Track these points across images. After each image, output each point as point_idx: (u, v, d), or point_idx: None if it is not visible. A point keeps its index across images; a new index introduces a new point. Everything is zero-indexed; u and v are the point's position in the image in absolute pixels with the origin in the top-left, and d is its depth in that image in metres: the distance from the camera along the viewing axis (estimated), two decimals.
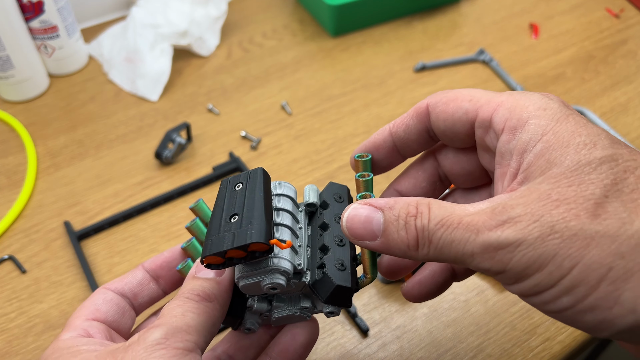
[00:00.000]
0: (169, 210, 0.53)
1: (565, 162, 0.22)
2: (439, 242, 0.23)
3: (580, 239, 0.21)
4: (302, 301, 0.30)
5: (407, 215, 0.24)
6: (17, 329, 0.44)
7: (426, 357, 0.42)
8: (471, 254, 0.22)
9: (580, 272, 0.21)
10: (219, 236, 0.26)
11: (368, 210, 0.25)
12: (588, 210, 0.21)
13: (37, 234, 0.51)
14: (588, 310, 0.21)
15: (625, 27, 0.76)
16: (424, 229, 0.23)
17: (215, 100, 0.64)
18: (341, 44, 0.73)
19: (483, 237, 0.22)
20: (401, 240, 0.24)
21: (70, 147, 0.59)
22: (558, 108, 0.24)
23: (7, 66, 0.60)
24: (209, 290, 0.27)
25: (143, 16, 0.67)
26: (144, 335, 0.24)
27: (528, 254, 0.21)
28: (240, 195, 0.27)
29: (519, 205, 0.22)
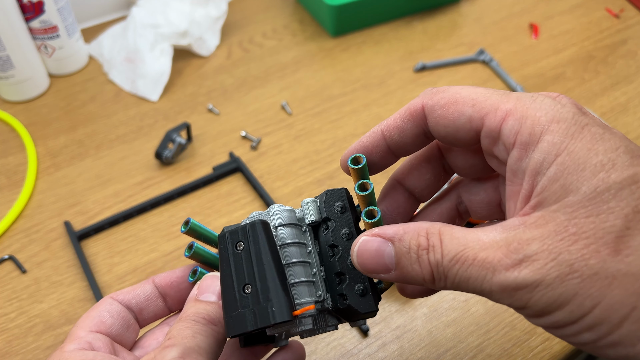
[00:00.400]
0: (169, 210, 0.53)
1: (582, 188, 0.21)
2: (455, 278, 0.23)
3: (601, 278, 0.20)
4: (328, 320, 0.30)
5: (419, 248, 0.23)
6: (17, 329, 0.44)
7: (426, 357, 0.42)
8: (489, 292, 0.22)
9: (602, 312, 0.20)
10: (239, 314, 0.25)
11: (377, 242, 0.24)
12: (609, 246, 0.20)
13: (37, 234, 0.51)
14: (611, 347, 0.21)
15: (625, 27, 0.76)
16: (438, 265, 0.23)
17: (215, 100, 0.64)
18: (341, 44, 0.73)
19: (500, 277, 0.21)
20: (416, 273, 0.24)
21: (71, 147, 0.59)
22: (572, 119, 0.22)
23: (7, 66, 0.60)
24: (212, 314, 0.27)
25: (143, 16, 0.67)
26: (161, 354, 0.24)
27: (547, 294, 0.21)
28: (246, 259, 0.27)
29: (534, 241, 0.21)
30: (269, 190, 0.54)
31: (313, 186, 0.55)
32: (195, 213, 0.53)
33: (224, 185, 0.55)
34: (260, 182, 0.55)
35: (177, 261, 0.49)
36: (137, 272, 0.48)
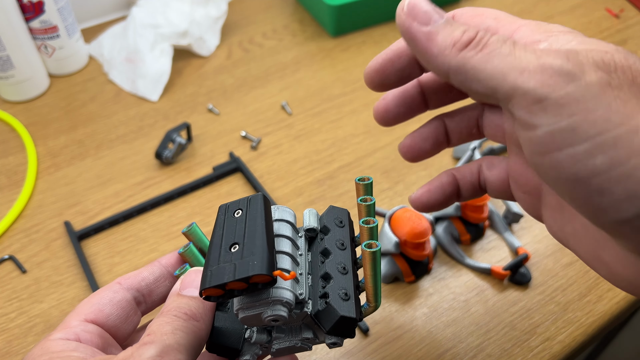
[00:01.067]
0: (169, 210, 0.53)
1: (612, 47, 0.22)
2: (495, 50, 0.22)
3: (632, 105, 0.20)
4: (304, 332, 0.28)
5: (472, 25, 0.24)
6: (17, 328, 0.44)
7: (426, 357, 0.42)
8: (522, 70, 0.21)
9: (626, 132, 0.20)
10: (219, 267, 0.25)
11: (436, 12, 0.24)
12: (635, 88, 0.21)
13: (37, 234, 0.51)
14: (621, 179, 0.20)
15: (625, 27, 0.76)
16: (484, 37, 0.23)
17: (215, 100, 0.64)
18: (341, 44, 0.73)
19: (546, 59, 0.21)
20: (452, 37, 0.23)
21: (71, 147, 0.59)
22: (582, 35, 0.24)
23: (7, 66, 0.60)
24: (194, 309, 0.27)
25: (143, 16, 0.67)
26: (138, 351, 0.23)
27: (582, 91, 0.21)
28: (240, 222, 0.26)
29: (583, 52, 0.22)
30: (269, 190, 0.54)
31: (313, 186, 0.55)
32: (195, 213, 0.53)
33: (224, 185, 0.55)
34: (260, 182, 0.55)
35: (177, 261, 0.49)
36: None
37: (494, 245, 0.50)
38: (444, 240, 0.49)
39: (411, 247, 0.44)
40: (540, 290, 0.46)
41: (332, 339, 0.28)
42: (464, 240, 0.49)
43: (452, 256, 0.49)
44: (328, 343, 0.28)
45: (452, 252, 0.48)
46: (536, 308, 0.45)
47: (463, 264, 0.48)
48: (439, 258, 0.49)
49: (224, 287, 0.24)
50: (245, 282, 0.24)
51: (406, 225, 0.44)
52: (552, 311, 0.45)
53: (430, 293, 0.46)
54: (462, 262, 0.48)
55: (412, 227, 0.43)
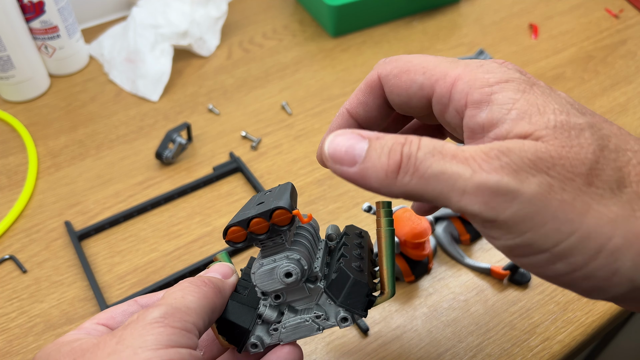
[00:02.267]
0: (169, 210, 0.53)
1: (550, 124, 0.21)
2: (427, 170, 0.21)
3: (579, 205, 0.20)
4: (316, 310, 0.29)
5: (394, 143, 0.22)
6: (17, 328, 0.44)
7: (426, 357, 0.42)
8: (462, 191, 0.21)
9: (578, 240, 0.20)
10: (244, 213, 0.27)
11: (355, 138, 0.23)
12: (582, 176, 0.20)
13: (37, 234, 0.51)
14: (584, 279, 0.21)
15: (624, 28, 0.76)
16: (411, 156, 0.22)
17: (215, 101, 0.64)
18: (341, 45, 0.73)
19: (481, 176, 0.20)
20: (380, 166, 0.22)
21: (71, 147, 0.59)
22: (519, 78, 0.23)
23: (7, 66, 0.60)
24: (213, 280, 0.28)
25: (143, 16, 0.67)
26: (143, 314, 0.24)
27: (525, 209, 0.20)
28: (269, 195, 0.29)
29: (516, 150, 0.21)
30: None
31: (313, 186, 0.55)
32: (195, 213, 0.53)
33: (224, 185, 0.55)
34: (261, 182, 0.55)
35: (177, 261, 0.49)
36: (138, 272, 0.48)
37: None
38: (443, 240, 0.49)
39: (411, 247, 0.44)
40: (539, 290, 0.46)
41: (342, 314, 0.28)
42: (464, 240, 0.49)
43: (451, 256, 0.49)
44: (339, 319, 0.28)
45: (451, 252, 0.48)
46: (536, 308, 0.45)
47: (463, 264, 0.48)
48: (438, 258, 0.49)
49: (247, 226, 0.26)
50: (267, 219, 0.26)
51: (406, 225, 0.44)
52: (551, 311, 0.45)
53: (430, 293, 0.46)
54: (462, 262, 0.48)
55: (411, 227, 0.43)
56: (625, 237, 0.20)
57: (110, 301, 0.46)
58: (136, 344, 0.22)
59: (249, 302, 0.29)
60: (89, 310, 0.45)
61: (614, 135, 0.22)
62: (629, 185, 0.21)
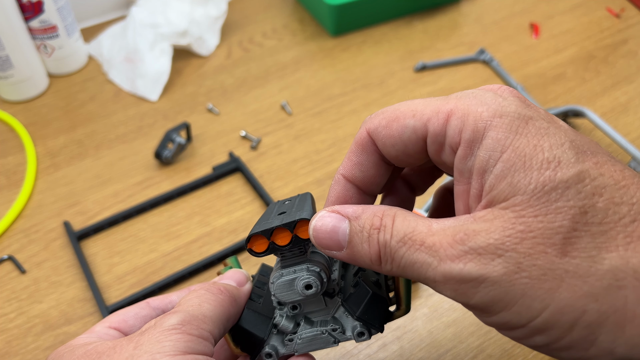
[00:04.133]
0: (168, 210, 0.53)
1: (529, 187, 0.20)
2: (401, 261, 0.22)
3: (549, 279, 0.20)
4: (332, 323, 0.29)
5: (371, 227, 0.23)
6: (16, 329, 0.44)
7: (426, 358, 0.42)
8: (433, 280, 0.21)
9: (551, 315, 0.20)
10: (267, 222, 0.26)
11: (335, 219, 0.24)
12: (556, 247, 0.20)
13: (36, 234, 0.51)
14: (564, 349, 0.20)
15: (625, 27, 0.76)
16: (386, 245, 0.22)
17: (215, 100, 0.64)
18: (341, 44, 0.72)
19: (445, 266, 0.21)
20: (364, 253, 0.23)
21: (70, 147, 0.59)
22: (515, 112, 0.22)
23: (6, 66, 0.60)
24: (229, 288, 0.28)
25: (143, 16, 0.67)
26: (161, 320, 0.24)
27: (493, 292, 0.20)
28: (289, 205, 0.29)
29: (482, 233, 0.20)
30: (268, 190, 0.54)
31: (313, 186, 0.55)
32: (195, 213, 0.53)
33: (224, 185, 0.55)
34: (260, 182, 0.55)
35: (177, 261, 0.49)
36: (137, 272, 0.48)
37: None
38: None
39: None
40: None
41: (359, 328, 0.28)
42: None
43: None
44: (356, 333, 0.28)
45: None
46: None
47: None
48: None
49: (270, 236, 0.26)
50: (290, 230, 0.26)
51: None
52: None
53: (431, 293, 0.46)
54: None
55: None
56: (600, 311, 0.19)
57: (110, 301, 0.46)
58: (154, 350, 0.23)
59: (264, 311, 0.29)
60: (88, 311, 0.45)
61: (610, 186, 0.20)
62: (614, 249, 0.20)
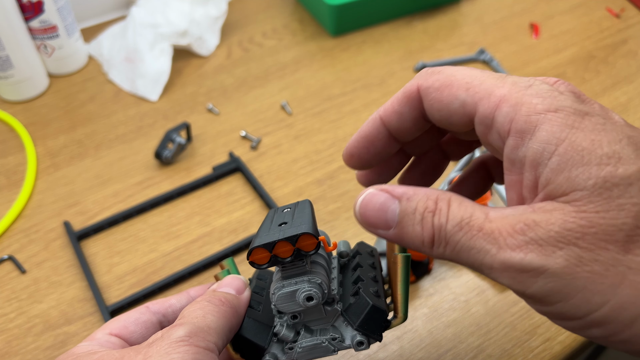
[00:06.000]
0: (168, 210, 0.53)
1: (589, 182, 0.20)
2: (457, 245, 0.22)
3: (611, 275, 0.19)
4: (332, 332, 0.29)
5: (425, 210, 0.22)
6: (16, 329, 0.44)
7: (426, 358, 0.42)
8: (490, 267, 0.21)
9: (611, 311, 0.20)
10: (268, 235, 0.26)
11: (384, 197, 0.23)
12: (618, 244, 0.19)
13: (36, 234, 0.51)
14: (622, 342, 0.20)
15: (625, 27, 0.76)
16: (442, 229, 0.22)
17: (215, 100, 0.64)
18: (341, 44, 0.72)
19: (505, 255, 0.20)
20: (416, 235, 0.23)
21: (70, 147, 0.59)
22: (571, 106, 0.21)
23: (6, 66, 0.60)
24: (229, 298, 0.27)
25: (143, 16, 0.67)
26: (168, 332, 0.24)
27: (552, 283, 0.20)
28: (288, 214, 0.28)
29: (542, 224, 0.20)
30: (268, 190, 0.54)
31: (313, 186, 0.55)
32: (195, 213, 0.53)
33: (224, 185, 0.55)
34: (260, 182, 0.55)
35: (176, 261, 0.49)
36: (137, 272, 0.48)
37: None
38: None
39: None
40: None
41: (359, 337, 0.28)
42: None
43: None
44: (355, 343, 0.28)
45: None
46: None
47: None
48: None
49: (271, 249, 0.26)
50: (292, 244, 0.25)
51: None
52: None
53: (431, 293, 0.46)
54: None
55: None
56: None
57: (110, 301, 0.46)
58: None
59: (264, 319, 0.29)
60: (88, 311, 0.45)
61: None
62: None
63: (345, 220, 0.52)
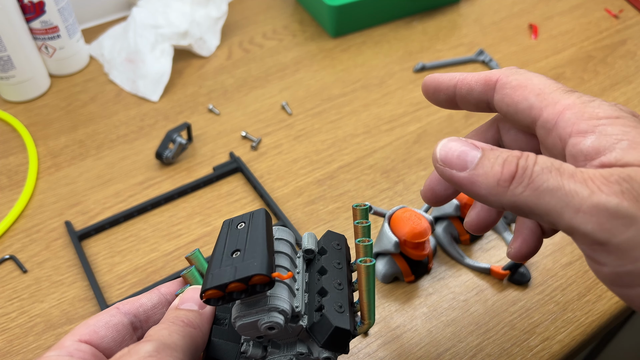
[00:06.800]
0: (169, 210, 0.53)
1: None
2: (542, 184, 0.21)
3: None
4: (298, 346, 0.29)
5: (510, 155, 0.22)
6: (18, 328, 0.44)
7: (425, 357, 0.42)
8: (576, 209, 0.20)
9: None
10: (220, 270, 0.25)
11: (468, 146, 0.23)
12: None
13: (38, 234, 0.51)
14: None
15: (624, 28, 0.76)
16: (527, 168, 0.21)
17: (215, 101, 0.65)
18: (341, 45, 0.73)
19: (599, 197, 0.20)
20: (493, 174, 0.22)
21: (71, 147, 0.59)
22: (628, 117, 0.23)
23: (8, 66, 0.60)
24: (192, 319, 0.27)
25: (144, 17, 0.67)
26: (135, 348, 0.24)
27: None
28: (242, 233, 0.27)
29: (638, 179, 0.20)
30: (269, 190, 0.55)
31: (313, 186, 0.55)
32: (195, 213, 0.53)
33: (224, 185, 0.56)
34: (261, 182, 0.55)
35: (177, 261, 0.49)
36: (138, 272, 0.48)
37: (493, 245, 0.50)
38: (443, 240, 0.49)
39: (411, 247, 0.44)
40: (539, 290, 0.46)
41: (325, 354, 0.28)
42: (464, 240, 0.49)
43: (451, 256, 0.49)
44: (322, 358, 0.28)
45: (451, 252, 0.49)
46: (535, 308, 0.45)
47: (462, 264, 0.48)
48: (438, 258, 0.49)
49: (224, 289, 0.25)
50: (245, 283, 0.24)
51: (406, 225, 0.44)
52: (551, 311, 0.45)
53: (430, 293, 0.46)
54: (462, 262, 0.48)
55: (411, 227, 0.43)
56: None
57: (111, 301, 0.46)
58: None
59: (230, 336, 0.29)
60: (89, 310, 0.45)
61: None
62: None
63: (345, 220, 0.52)
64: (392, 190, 0.54)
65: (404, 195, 0.54)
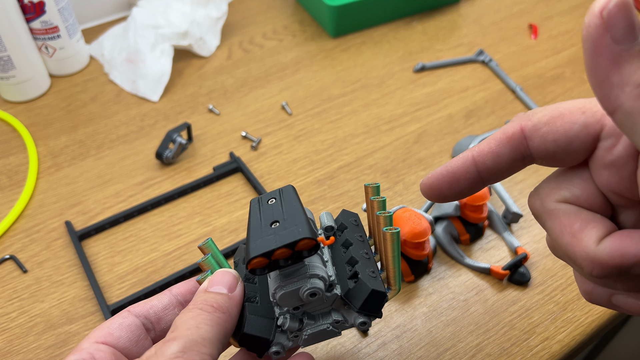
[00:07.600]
0: (169, 210, 0.53)
1: None
2: None
3: None
4: (334, 315, 0.30)
5: None
6: (18, 328, 0.45)
7: (425, 357, 0.42)
8: None
9: None
10: (263, 239, 0.26)
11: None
12: None
13: (38, 234, 0.51)
14: None
15: None
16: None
17: (215, 101, 0.65)
18: (341, 45, 0.73)
19: None
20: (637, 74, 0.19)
21: (72, 147, 0.59)
22: None
23: (8, 67, 0.60)
24: (222, 303, 0.27)
25: (144, 17, 0.67)
26: (161, 348, 0.24)
27: None
28: (276, 207, 0.28)
29: None
30: (269, 190, 0.55)
31: (313, 186, 0.55)
32: (195, 213, 0.53)
33: (225, 185, 0.56)
34: (261, 182, 0.55)
35: (177, 261, 0.49)
36: (138, 272, 0.48)
37: (493, 244, 0.50)
38: (443, 240, 0.49)
39: (411, 247, 0.44)
40: (539, 289, 0.46)
41: (361, 319, 0.29)
42: (464, 240, 0.50)
43: (451, 256, 0.49)
44: (358, 323, 0.29)
45: (451, 251, 0.49)
46: (535, 307, 0.45)
47: (462, 264, 0.48)
48: (438, 258, 0.49)
49: (270, 256, 0.25)
50: (291, 249, 0.25)
51: (406, 225, 0.44)
52: (551, 311, 0.45)
53: (430, 292, 0.46)
54: (462, 262, 0.48)
55: (411, 227, 0.44)
56: None
57: (111, 301, 0.46)
58: None
59: (264, 311, 0.29)
60: (89, 310, 0.45)
61: None
62: None
63: None
64: (392, 190, 0.54)
65: (403, 195, 0.54)
